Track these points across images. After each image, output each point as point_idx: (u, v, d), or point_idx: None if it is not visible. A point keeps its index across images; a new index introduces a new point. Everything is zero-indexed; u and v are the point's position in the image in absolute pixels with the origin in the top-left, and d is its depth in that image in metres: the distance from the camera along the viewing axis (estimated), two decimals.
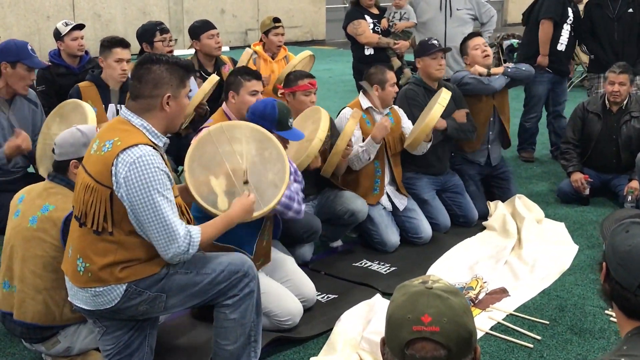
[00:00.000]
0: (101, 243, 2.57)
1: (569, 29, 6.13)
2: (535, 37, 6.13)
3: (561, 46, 6.13)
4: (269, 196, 3.06)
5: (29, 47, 3.93)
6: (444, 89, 4.42)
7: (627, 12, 6.05)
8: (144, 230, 2.55)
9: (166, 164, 2.63)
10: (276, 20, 5.43)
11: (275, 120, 3.34)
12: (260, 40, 5.52)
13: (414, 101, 4.70)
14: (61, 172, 3.10)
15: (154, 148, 2.58)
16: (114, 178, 2.51)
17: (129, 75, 4.17)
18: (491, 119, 5.05)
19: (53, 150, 3.14)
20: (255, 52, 5.40)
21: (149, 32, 4.96)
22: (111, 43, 4.28)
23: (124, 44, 4.31)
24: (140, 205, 2.50)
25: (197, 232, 2.63)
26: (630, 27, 6.07)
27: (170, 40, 5.01)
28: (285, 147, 3.34)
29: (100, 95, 4.28)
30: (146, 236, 2.57)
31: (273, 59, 5.42)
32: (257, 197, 2.99)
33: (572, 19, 6.13)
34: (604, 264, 1.69)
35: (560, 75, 6.31)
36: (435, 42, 4.76)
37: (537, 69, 5.84)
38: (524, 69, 5.08)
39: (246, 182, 3.00)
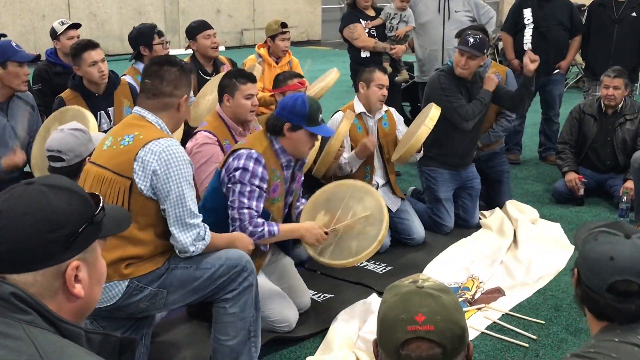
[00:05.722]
0: (111, 238, 2.55)
1: (532, 27, 6.19)
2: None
3: (526, 46, 6.20)
4: (340, 256, 3.13)
5: (13, 44, 3.89)
6: (433, 105, 4.31)
7: (630, 16, 6.05)
8: (168, 213, 2.60)
9: None
10: (284, 25, 5.32)
11: (306, 115, 3.17)
12: (265, 43, 5.42)
13: (448, 91, 4.53)
14: (70, 176, 3.05)
15: None
16: (138, 168, 2.54)
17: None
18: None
19: (54, 158, 3.03)
20: (260, 55, 5.33)
21: (146, 35, 4.82)
22: (80, 49, 4.08)
23: (92, 45, 4.13)
24: (170, 194, 2.56)
25: (208, 230, 2.73)
26: (630, 31, 6.06)
27: (167, 43, 4.95)
28: (313, 143, 3.28)
29: (87, 105, 4.07)
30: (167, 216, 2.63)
31: (277, 63, 5.36)
32: (334, 246, 3.15)
33: (531, 19, 6.18)
34: (575, 270, 1.82)
35: (545, 74, 6.25)
36: (471, 39, 4.42)
37: (515, 72, 6.01)
38: (500, 132, 5.19)
39: (328, 233, 3.24)
